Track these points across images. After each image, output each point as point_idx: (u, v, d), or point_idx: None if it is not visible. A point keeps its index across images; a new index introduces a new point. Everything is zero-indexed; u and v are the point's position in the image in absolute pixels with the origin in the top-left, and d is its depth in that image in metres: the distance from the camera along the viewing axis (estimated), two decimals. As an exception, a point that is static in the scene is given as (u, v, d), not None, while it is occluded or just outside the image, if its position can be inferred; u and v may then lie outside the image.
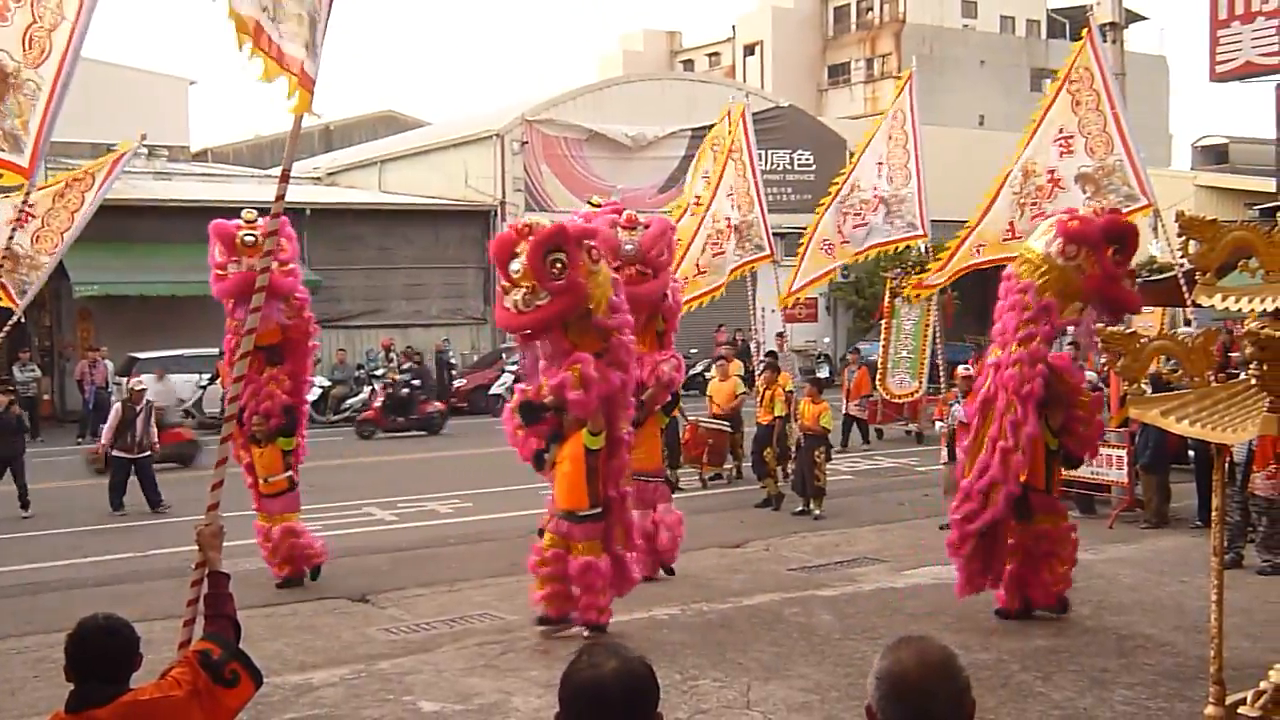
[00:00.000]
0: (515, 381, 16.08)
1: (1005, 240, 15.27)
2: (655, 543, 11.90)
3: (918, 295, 18.04)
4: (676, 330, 12.74)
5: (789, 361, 21.51)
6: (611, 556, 9.87)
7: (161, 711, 3.94)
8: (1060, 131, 14.90)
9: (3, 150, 7.26)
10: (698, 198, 18.59)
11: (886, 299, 22.29)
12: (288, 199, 5.48)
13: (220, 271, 11.77)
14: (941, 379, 16.80)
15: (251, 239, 11.54)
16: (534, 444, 10.06)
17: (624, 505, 10.11)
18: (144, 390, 17.24)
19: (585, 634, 9.58)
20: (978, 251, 15.58)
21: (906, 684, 2.69)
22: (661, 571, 12.08)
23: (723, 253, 17.35)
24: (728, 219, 17.64)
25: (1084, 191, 14.86)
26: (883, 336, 22.34)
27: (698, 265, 17.35)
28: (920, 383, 22.01)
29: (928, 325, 21.58)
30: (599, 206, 13.62)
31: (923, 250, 19.96)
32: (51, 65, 6.90)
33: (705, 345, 30.28)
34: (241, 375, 5.70)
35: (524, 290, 9.30)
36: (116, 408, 16.94)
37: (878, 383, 22.42)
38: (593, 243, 9.64)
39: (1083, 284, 9.92)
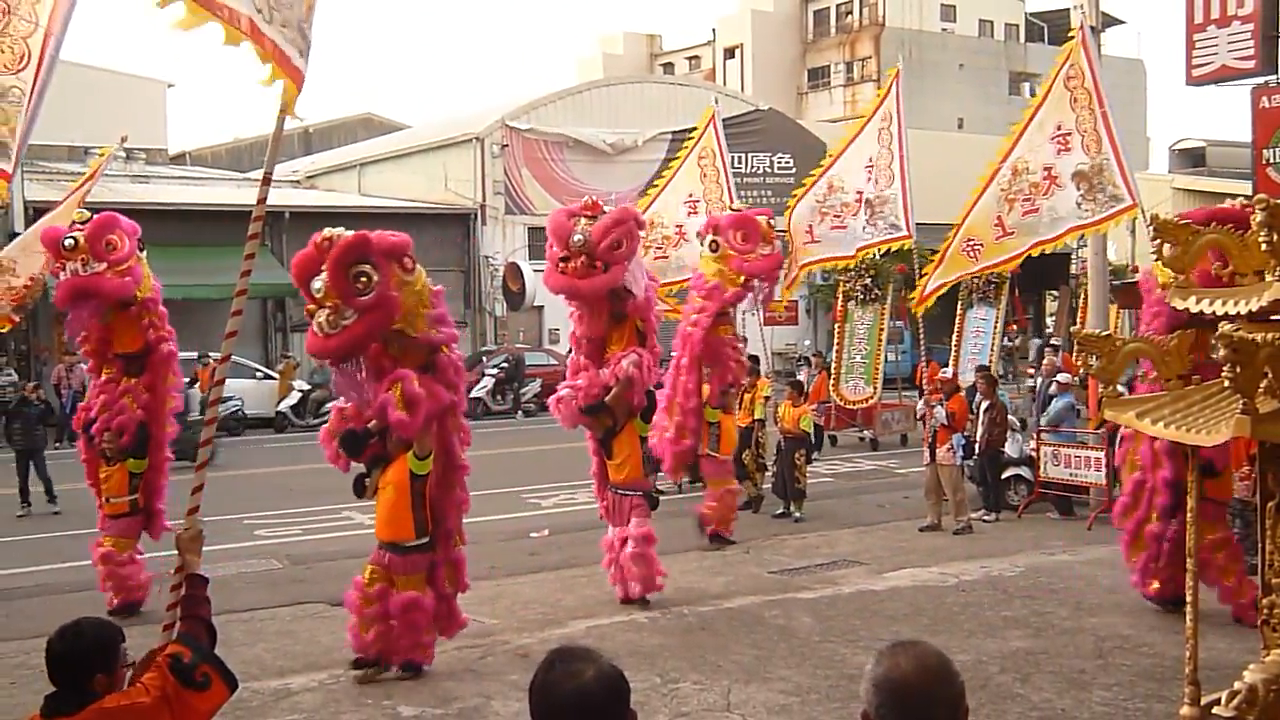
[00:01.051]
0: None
1: (998, 239, 15.31)
2: (621, 563, 11.07)
3: (922, 306, 17.61)
4: (656, 329, 11.53)
5: None
6: (438, 595, 9.12)
7: (128, 718, 3.92)
8: (1058, 129, 14.92)
9: None
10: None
11: (840, 303, 21.83)
12: (268, 203, 5.48)
13: (56, 280, 11.15)
14: (922, 383, 16.73)
15: (71, 243, 10.77)
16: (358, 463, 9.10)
17: (451, 541, 9.29)
18: None
19: (399, 672, 8.99)
20: (973, 255, 15.56)
21: (907, 690, 2.68)
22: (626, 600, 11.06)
23: (665, 257, 17.14)
24: (679, 225, 17.50)
25: (1078, 189, 14.91)
26: (836, 341, 21.90)
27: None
28: (875, 388, 21.71)
29: (881, 330, 21.39)
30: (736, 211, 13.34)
31: (876, 256, 19.84)
32: (30, 71, 6.90)
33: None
34: (223, 379, 5.55)
35: (328, 310, 8.35)
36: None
37: (831, 388, 22.18)
38: (405, 252, 8.74)
39: None
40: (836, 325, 22.12)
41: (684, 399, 13.69)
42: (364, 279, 8.32)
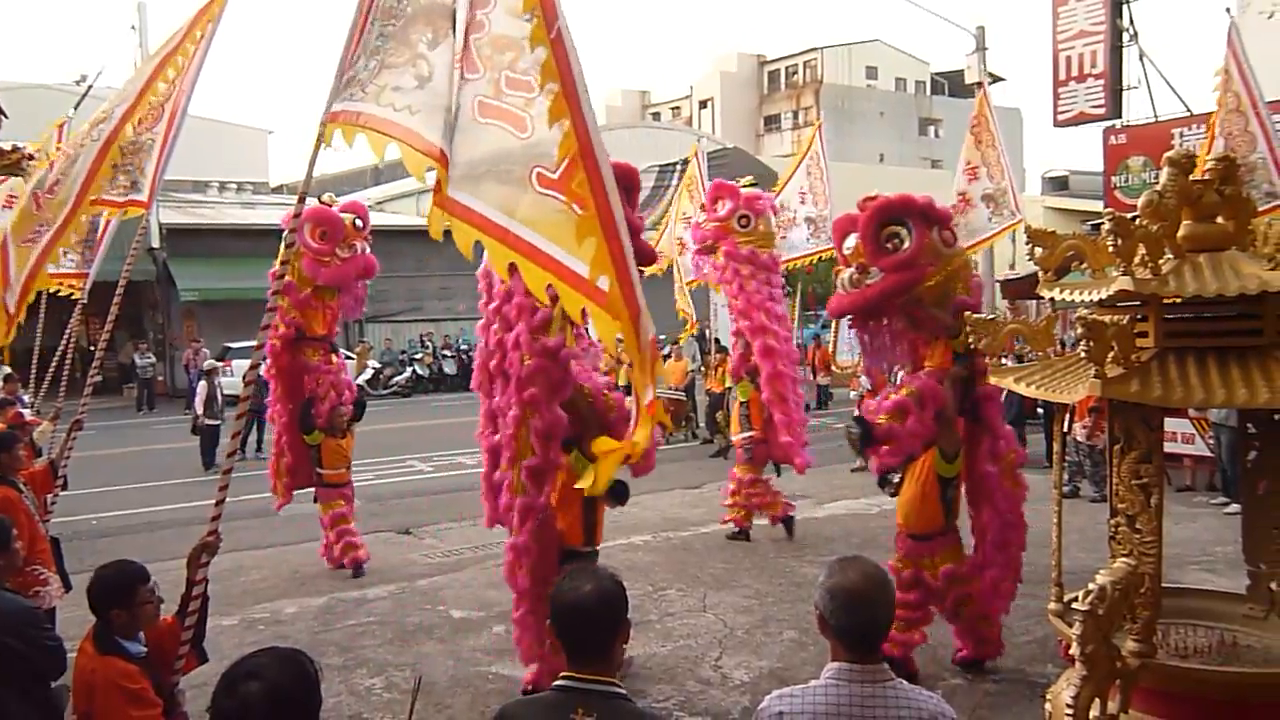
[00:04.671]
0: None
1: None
2: None
3: None
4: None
5: (691, 347, 20.51)
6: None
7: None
8: (968, 164, 15.05)
9: (128, 193, 7.26)
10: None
11: None
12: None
13: (326, 258, 9.07)
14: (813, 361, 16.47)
15: (361, 224, 9.20)
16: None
17: None
18: (216, 369, 16.95)
19: None
20: None
21: (857, 596, 2.70)
22: None
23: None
24: (680, 239, 17.13)
25: (987, 207, 14.98)
26: None
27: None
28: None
29: (794, 320, 20.69)
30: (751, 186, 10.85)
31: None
32: (162, 125, 6.90)
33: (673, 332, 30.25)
34: (256, 365, 4.48)
35: (853, 269, 6.57)
36: (202, 384, 16.45)
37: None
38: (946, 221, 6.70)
39: None
40: None
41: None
42: (895, 240, 6.46)
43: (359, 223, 9.18)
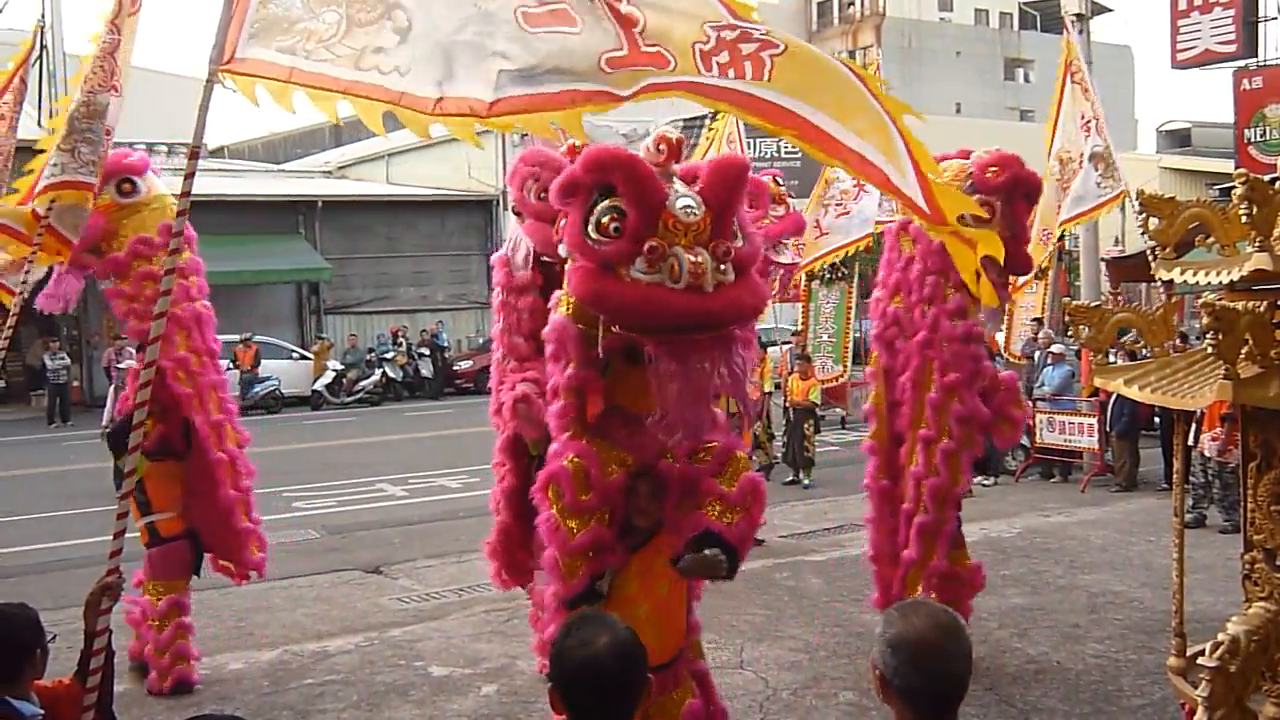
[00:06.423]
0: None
1: (1061, 224, 15.27)
2: None
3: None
4: None
5: None
6: None
7: None
8: (1082, 117, 14.95)
9: (92, 169, 7.22)
10: None
11: (802, 282, 18.73)
12: (302, 193, 5.35)
13: None
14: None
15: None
16: None
17: None
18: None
19: None
20: (1047, 241, 15.41)
21: (926, 648, 2.66)
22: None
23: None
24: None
25: (1095, 169, 14.89)
26: (801, 320, 19.76)
27: None
28: (845, 366, 19.62)
29: (850, 307, 19.64)
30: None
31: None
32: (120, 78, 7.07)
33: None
34: (149, 382, 4.27)
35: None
36: (112, 390, 16.40)
37: None
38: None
39: None
40: (801, 306, 19.76)
41: None
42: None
43: None
